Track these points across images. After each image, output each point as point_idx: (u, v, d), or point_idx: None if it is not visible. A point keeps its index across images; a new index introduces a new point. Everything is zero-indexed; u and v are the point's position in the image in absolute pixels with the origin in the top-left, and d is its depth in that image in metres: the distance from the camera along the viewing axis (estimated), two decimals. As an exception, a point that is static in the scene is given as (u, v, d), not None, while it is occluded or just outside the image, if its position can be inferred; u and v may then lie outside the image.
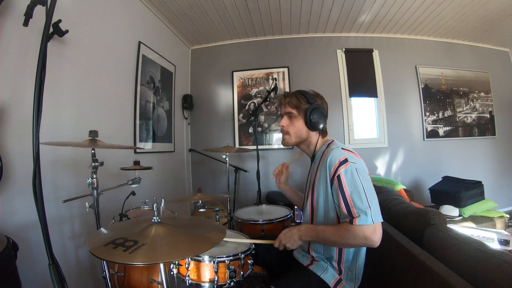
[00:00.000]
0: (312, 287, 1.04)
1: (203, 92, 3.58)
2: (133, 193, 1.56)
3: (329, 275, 1.05)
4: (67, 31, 1.28)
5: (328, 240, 0.99)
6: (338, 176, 0.95)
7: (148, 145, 2.54)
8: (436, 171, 3.20)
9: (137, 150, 2.32)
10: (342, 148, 1.02)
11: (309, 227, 1.06)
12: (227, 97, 3.53)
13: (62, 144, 1.23)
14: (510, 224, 2.54)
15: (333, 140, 1.15)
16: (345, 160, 0.97)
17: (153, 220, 0.90)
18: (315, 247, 1.13)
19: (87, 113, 1.76)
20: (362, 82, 3.40)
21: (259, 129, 3.42)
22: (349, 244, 0.96)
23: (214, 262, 1.10)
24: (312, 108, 1.11)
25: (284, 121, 1.19)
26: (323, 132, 1.19)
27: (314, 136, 1.17)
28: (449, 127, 3.49)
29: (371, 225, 0.89)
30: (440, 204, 2.58)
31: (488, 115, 3.61)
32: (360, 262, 1.07)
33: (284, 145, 1.24)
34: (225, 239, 1.03)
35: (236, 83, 3.51)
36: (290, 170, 1.49)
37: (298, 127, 1.15)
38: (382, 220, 0.92)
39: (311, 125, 1.12)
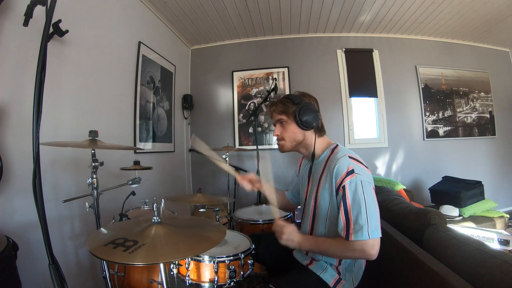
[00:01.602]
0: (311, 286, 1.04)
1: (203, 92, 3.58)
2: (133, 193, 1.56)
3: (329, 275, 1.05)
4: (67, 31, 1.28)
5: (327, 252, 1.01)
6: (343, 187, 0.95)
7: (148, 145, 2.54)
8: (436, 171, 3.20)
9: (137, 150, 2.32)
10: (350, 157, 1.00)
11: (310, 238, 1.07)
12: (227, 97, 3.53)
13: (62, 145, 1.22)
14: (510, 224, 2.54)
15: (337, 145, 1.12)
16: (352, 171, 0.96)
17: (153, 220, 0.90)
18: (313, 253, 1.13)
19: (87, 113, 1.76)
20: (362, 82, 3.40)
21: (259, 129, 3.42)
22: (347, 256, 1.00)
23: (214, 262, 1.10)
24: (300, 107, 1.07)
25: (277, 129, 1.16)
26: (320, 131, 1.15)
27: (310, 136, 1.13)
28: (449, 127, 3.49)
29: (370, 240, 0.90)
30: (440, 204, 2.58)
31: (488, 115, 3.61)
32: (359, 262, 1.07)
33: (281, 151, 1.20)
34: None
35: (236, 83, 3.50)
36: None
37: (292, 130, 1.12)
38: (380, 236, 0.93)
39: (304, 125, 1.08)
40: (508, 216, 2.47)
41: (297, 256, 1.20)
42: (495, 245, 1.74)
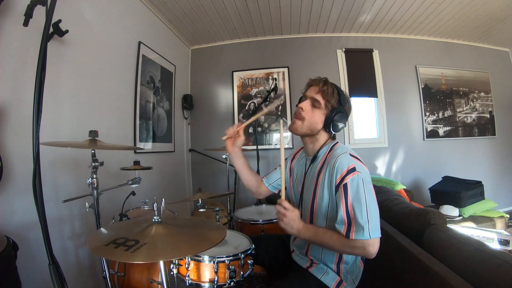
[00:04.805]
0: None
1: (203, 92, 3.58)
2: (133, 193, 1.56)
3: (330, 278, 1.03)
4: (67, 31, 1.28)
5: (326, 244, 0.97)
6: (345, 185, 0.93)
7: (148, 145, 2.54)
8: (436, 171, 3.20)
9: (137, 150, 2.32)
10: (351, 155, 0.98)
11: (310, 228, 1.02)
12: (227, 97, 3.53)
13: (62, 145, 1.23)
14: (510, 224, 2.54)
15: (337, 142, 1.10)
16: (353, 169, 0.94)
17: (153, 220, 0.90)
18: (313, 252, 1.10)
19: (87, 113, 1.76)
20: (362, 82, 3.40)
21: (259, 129, 3.42)
22: (346, 251, 0.98)
23: (214, 262, 1.10)
24: (340, 110, 1.05)
25: (306, 105, 1.08)
26: (333, 137, 1.15)
27: (324, 136, 1.11)
28: (449, 127, 3.49)
29: (371, 240, 0.88)
30: (440, 204, 2.58)
31: (488, 115, 3.61)
32: (358, 263, 1.07)
33: (291, 131, 1.12)
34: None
35: (236, 83, 3.50)
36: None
37: (317, 118, 1.06)
38: (380, 236, 0.91)
39: (329, 124, 1.05)
40: (508, 216, 2.48)
41: (296, 259, 1.18)
42: (495, 245, 1.74)
